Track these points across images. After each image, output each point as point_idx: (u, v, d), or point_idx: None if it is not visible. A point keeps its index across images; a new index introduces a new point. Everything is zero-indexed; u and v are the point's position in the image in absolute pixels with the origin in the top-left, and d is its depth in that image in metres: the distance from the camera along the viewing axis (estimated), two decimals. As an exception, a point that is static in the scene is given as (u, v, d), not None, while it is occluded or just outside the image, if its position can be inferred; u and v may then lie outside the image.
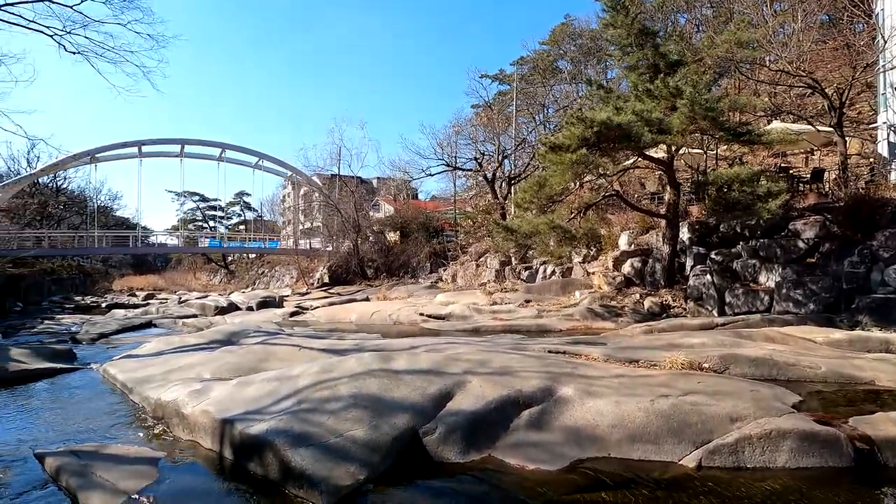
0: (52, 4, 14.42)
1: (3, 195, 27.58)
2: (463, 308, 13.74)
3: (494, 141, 27.89)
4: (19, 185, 29.76)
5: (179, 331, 13.26)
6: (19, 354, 8.26)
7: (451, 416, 4.17)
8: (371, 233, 31.43)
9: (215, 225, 58.63)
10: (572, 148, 10.42)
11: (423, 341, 8.00)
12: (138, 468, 3.86)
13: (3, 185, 28.35)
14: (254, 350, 7.42)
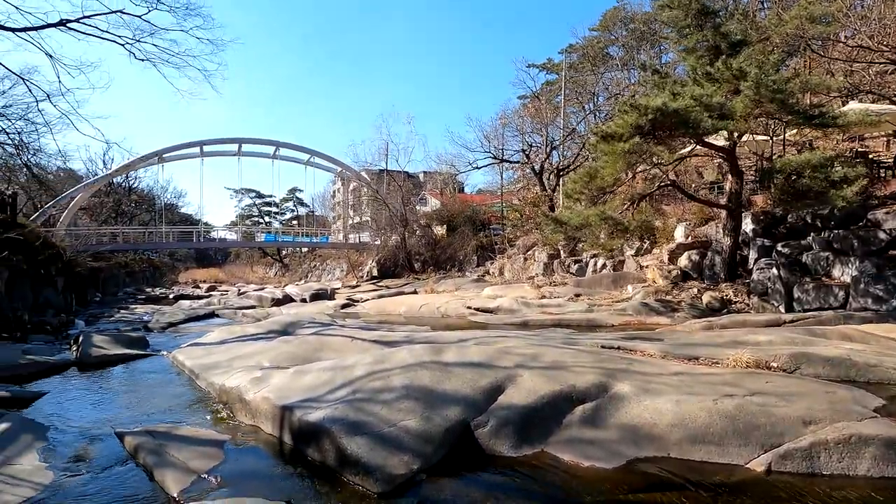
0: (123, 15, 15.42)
1: (83, 195, 29.94)
2: (511, 302, 13.64)
3: (542, 132, 27.37)
4: (97, 186, 32.21)
5: (239, 321, 13.95)
6: (100, 341, 8.96)
7: (503, 410, 4.14)
8: (418, 226, 31.73)
9: (270, 220, 61.12)
10: (625, 137, 10.04)
11: (472, 334, 8.01)
12: (206, 449, 4.09)
13: (84, 186, 30.75)
14: (308, 340, 7.69)
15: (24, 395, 6.01)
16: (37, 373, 7.25)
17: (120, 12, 15.26)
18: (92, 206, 34.14)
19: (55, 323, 12.72)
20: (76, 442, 4.51)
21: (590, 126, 19.86)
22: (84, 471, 3.90)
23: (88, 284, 22.99)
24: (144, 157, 31.05)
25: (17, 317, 11.69)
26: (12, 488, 3.52)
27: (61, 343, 9.96)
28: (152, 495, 3.44)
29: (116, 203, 38.16)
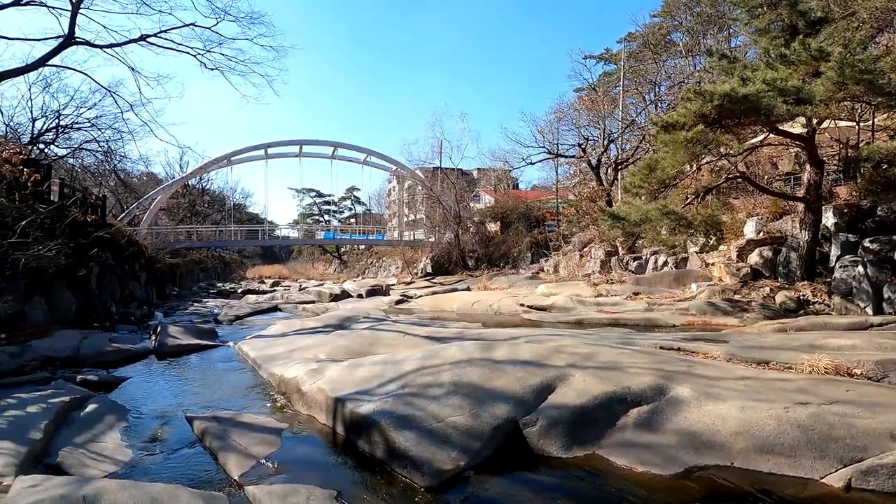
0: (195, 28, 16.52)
1: (163, 196, 32.39)
2: (565, 299, 13.33)
3: (599, 125, 26.48)
4: (174, 187, 34.71)
5: (300, 315, 14.57)
6: (175, 332, 9.67)
7: (554, 410, 4.05)
8: (472, 223, 31.73)
9: (329, 218, 63.37)
10: (688, 126, 9.50)
11: (524, 332, 7.90)
12: (265, 436, 4.31)
13: (163, 188, 33.26)
14: (363, 335, 7.89)
15: (110, 380, 6.59)
16: (121, 360, 7.92)
17: (192, 25, 16.38)
18: (170, 207, 36.83)
19: (138, 314, 13.85)
20: (152, 424, 4.90)
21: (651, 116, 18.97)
22: (158, 451, 4.22)
23: (167, 279, 24.84)
24: (215, 160, 33.09)
25: (106, 308, 12.83)
26: (97, 463, 3.88)
27: (142, 333, 10.82)
28: (216, 477, 3.66)
29: (191, 203, 40.96)
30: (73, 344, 8.15)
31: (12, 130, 19.32)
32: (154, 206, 31.16)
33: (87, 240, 11.94)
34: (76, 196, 14.50)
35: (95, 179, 26.51)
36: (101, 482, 3.11)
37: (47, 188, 12.36)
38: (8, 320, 8.45)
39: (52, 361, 7.19)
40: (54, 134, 20.72)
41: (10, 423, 4.27)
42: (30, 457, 3.69)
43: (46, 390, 5.37)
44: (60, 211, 11.20)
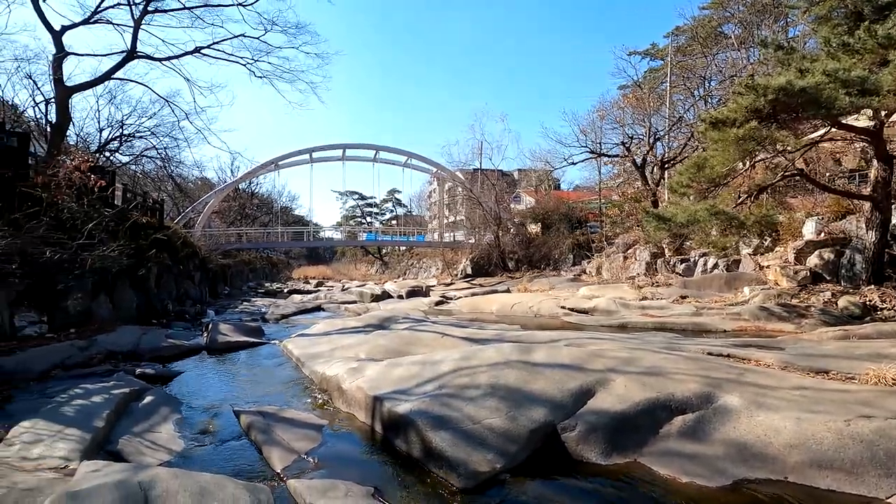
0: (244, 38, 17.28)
1: (215, 200, 33.99)
2: (608, 302, 12.99)
3: (644, 123, 25.67)
4: (226, 191, 36.36)
5: (342, 315, 14.91)
6: (225, 329, 10.12)
7: (593, 415, 3.96)
8: (512, 225, 31.50)
9: (371, 220, 64.57)
10: (739, 121, 9.05)
11: (564, 335, 7.76)
12: (306, 432, 4.44)
13: (215, 192, 34.91)
14: (402, 335, 7.99)
15: (166, 374, 6.98)
16: (176, 355, 8.38)
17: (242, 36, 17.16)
18: (222, 210, 38.60)
19: (192, 312, 14.59)
20: (202, 416, 5.14)
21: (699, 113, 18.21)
22: (207, 442, 4.43)
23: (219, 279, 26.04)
24: (263, 164, 34.42)
25: (163, 306, 13.60)
26: (153, 452, 4.11)
27: (196, 330, 11.39)
28: (260, 469, 3.80)
29: (241, 206, 42.78)
30: (134, 339, 8.68)
31: (82, 140, 20.84)
32: (207, 209, 32.72)
33: (147, 241, 12.70)
34: (137, 200, 15.46)
35: (154, 184, 28.20)
36: (155, 470, 3.30)
37: (112, 193, 13.23)
38: (77, 316, 9.11)
39: (115, 355, 7.67)
40: (118, 142, 22.20)
41: (77, 411, 4.59)
42: (93, 443, 3.96)
43: (109, 382, 5.75)
44: (123, 214, 11.96)
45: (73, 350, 7.43)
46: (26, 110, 19.42)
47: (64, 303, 8.84)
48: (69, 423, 4.22)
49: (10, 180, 8.29)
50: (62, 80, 14.62)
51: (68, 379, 6.18)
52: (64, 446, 3.77)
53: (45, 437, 3.90)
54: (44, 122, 17.49)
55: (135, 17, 15.40)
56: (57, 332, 8.42)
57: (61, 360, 6.92)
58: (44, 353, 7.02)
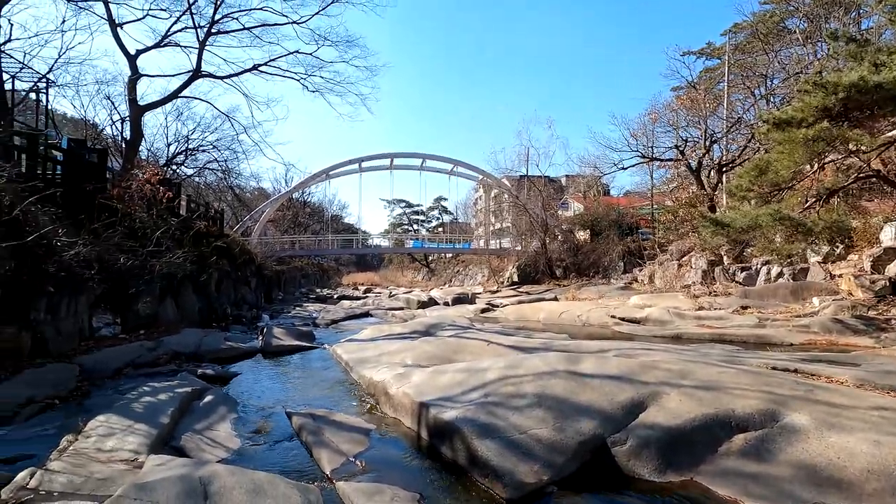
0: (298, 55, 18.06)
1: (270, 209, 35.54)
2: (661, 312, 12.48)
3: (700, 125, 24.59)
4: (280, 201, 37.94)
5: (388, 321, 15.15)
6: (279, 333, 10.52)
7: (644, 429, 3.81)
8: (559, 232, 30.97)
9: (418, 228, 65.36)
10: (807, 121, 8.51)
11: (614, 345, 7.53)
12: (354, 436, 4.53)
13: (271, 202, 36.51)
14: (447, 342, 8.01)
15: (224, 375, 7.34)
16: (233, 357, 8.79)
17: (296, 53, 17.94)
18: (276, 219, 40.30)
19: (248, 316, 15.28)
20: (257, 417, 5.36)
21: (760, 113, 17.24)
22: (262, 442, 4.61)
23: (273, 285, 27.16)
24: (315, 174, 35.70)
25: (222, 310, 14.33)
26: (212, 449, 4.33)
27: (251, 333, 11.92)
28: (310, 470, 3.91)
29: (294, 215, 44.49)
30: (196, 341, 9.19)
31: (152, 154, 22.42)
32: (263, 218, 34.25)
33: (209, 249, 13.44)
34: (200, 210, 16.41)
35: (215, 195, 29.85)
36: (214, 466, 3.48)
37: (177, 204, 14.14)
38: (146, 319, 9.77)
39: (179, 356, 8.15)
40: (184, 156, 23.71)
41: (146, 407, 4.92)
42: (159, 439, 4.22)
43: (174, 381, 6.11)
44: (187, 223, 12.74)
45: (143, 350, 7.97)
46: (105, 128, 21.17)
47: (135, 306, 9.50)
48: (138, 419, 4.52)
49: (90, 193, 9.04)
50: (136, 99, 15.84)
51: (138, 377, 6.63)
52: (133, 440, 4.04)
53: (118, 431, 4.19)
54: (119, 139, 18.97)
55: (200, 38, 16.48)
56: (128, 332, 9.06)
57: (132, 360, 7.43)
58: (117, 353, 7.56)
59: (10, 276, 6.15)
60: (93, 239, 7.72)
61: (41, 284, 6.63)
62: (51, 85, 12.67)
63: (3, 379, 5.73)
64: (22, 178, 7.46)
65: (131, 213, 10.06)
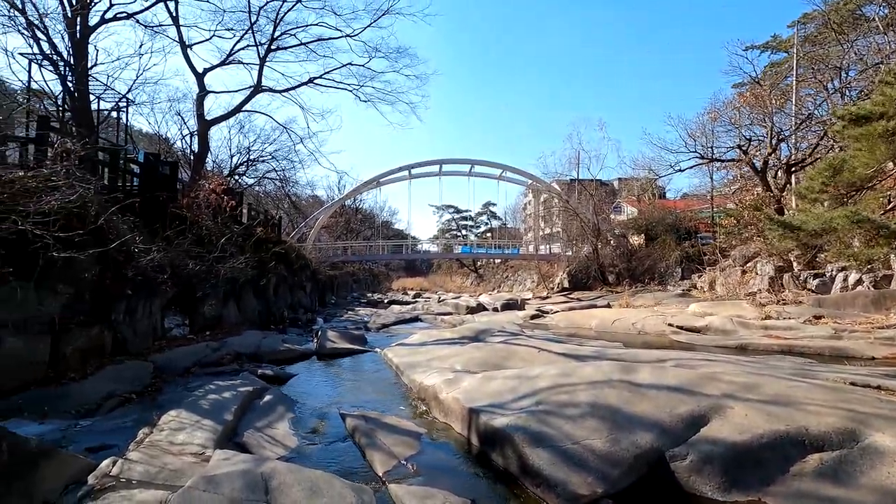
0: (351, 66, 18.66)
1: (324, 216, 36.81)
2: (724, 321, 11.83)
3: (765, 122, 23.17)
4: (333, 208, 39.22)
5: (438, 325, 15.26)
6: (333, 336, 10.86)
7: (707, 444, 3.62)
8: (612, 236, 30.10)
9: (467, 233, 65.53)
10: (889, 115, 7.84)
11: (672, 355, 7.22)
12: (406, 439, 4.60)
13: (325, 209, 37.83)
14: (497, 348, 7.97)
15: (282, 375, 7.66)
16: (290, 358, 9.15)
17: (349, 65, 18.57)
18: (330, 225, 41.66)
19: (304, 319, 15.88)
20: (312, 417, 5.56)
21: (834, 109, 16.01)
22: (317, 441, 4.77)
23: (327, 289, 28.08)
24: (366, 182, 36.66)
25: (280, 313, 14.97)
26: (271, 446, 4.53)
27: (307, 336, 12.37)
28: (363, 471, 4.01)
29: (347, 222, 45.85)
30: (256, 342, 9.65)
31: (217, 165, 23.84)
32: (317, 224, 35.51)
33: (268, 254, 14.10)
34: (259, 217, 17.25)
35: (273, 203, 31.28)
36: (274, 463, 3.64)
37: (240, 212, 14.94)
38: (211, 320, 10.37)
39: (240, 356, 8.59)
40: (245, 166, 25.05)
41: (211, 404, 5.21)
42: (224, 434, 4.47)
43: (236, 380, 6.45)
44: (249, 230, 13.43)
45: (208, 350, 8.47)
46: (175, 142, 22.76)
47: (202, 308, 10.11)
48: (205, 415, 4.80)
49: (163, 203, 9.74)
50: (203, 115, 16.93)
51: (204, 375, 7.05)
52: (201, 435, 4.30)
53: (187, 426, 4.47)
54: (188, 152, 20.32)
55: (260, 55, 17.41)
56: (196, 333, 9.65)
57: (199, 359, 7.91)
58: (186, 353, 8.08)
59: (95, 281, 6.72)
60: (165, 245, 8.31)
61: (121, 288, 7.20)
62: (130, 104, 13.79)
63: (89, 374, 6.26)
64: (105, 189, 8.15)
65: (199, 221, 10.73)
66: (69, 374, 6.05)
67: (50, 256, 5.47)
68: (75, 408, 5.29)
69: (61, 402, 5.31)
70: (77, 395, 5.58)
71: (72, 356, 6.26)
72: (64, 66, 11.41)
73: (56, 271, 5.84)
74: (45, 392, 5.48)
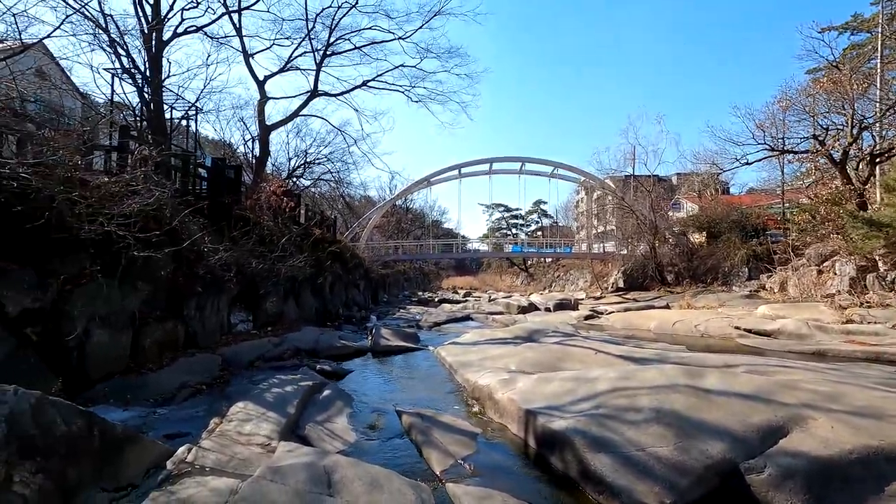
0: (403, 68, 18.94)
1: (377, 216, 37.58)
2: (798, 324, 11.01)
3: (845, 110, 21.28)
4: (385, 208, 39.95)
5: (489, 325, 15.18)
6: (386, 334, 11.05)
7: (787, 458, 3.36)
8: (671, 234, 28.79)
9: (517, 232, 64.88)
10: None
11: (742, 359, 6.79)
12: (461, 438, 4.59)
13: (377, 209, 38.61)
14: (552, 349, 7.82)
15: (339, 371, 7.87)
16: (346, 354, 9.40)
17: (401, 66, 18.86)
18: (381, 225, 42.48)
19: (358, 317, 16.29)
20: (369, 413, 5.67)
21: (929, 91, 14.46)
22: (375, 437, 4.86)
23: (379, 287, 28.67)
24: (417, 182, 37.06)
25: (335, 311, 15.44)
26: (331, 440, 4.66)
27: (361, 333, 12.67)
28: (420, 468, 4.03)
29: (398, 221, 46.60)
30: (314, 338, 9.99)
31: (276, 169, 24.91)
32: (370, 224, 36.31)
33: (324, 253, 14.57)
34: (316, 218, 17.86)
35: (328, 203, 32.29)
36: (335, 457, 3.73)
37: (298, 213, 15.52)
38: (273, 317, 10.83)
39: (300, 352, 8.91)
40: (302, 169, 26.01)
41: (275, 397, 5.44)
42: (287, 427, 4.64)
43: (297, 374, 6.69)
44: (307, 231, 13.93)
45: (270, 345, 8.85)
46: (238, 147, 24.00)
47: (264, 305, 10.59)
48: (269, 408, 5.01)
49: (229, 205, 10.29)
50: (264, 120, 17.72)
51: (267, 369, 7.38)
52: (266, 427, 4.49)
53: (254, 418, 4.69)
54: (250, 156, 21.36)
55: (317, 61, 18.00)
56: (259, 329, 10.11)
57: (262, 354, 8.29)
58: (250, 347, 8.49)
59: (170, 278, 7.20)
60: (232, 245, 8.76)
61: (192, 285, 7.67)
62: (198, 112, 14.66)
63: (164, 366, 6.72)
64: (177, 193, 8.70)
65: (261, 222, 11.24)
66: (147, 365, 6.52)
67: (131, 255, 5.90)
68: (153, 396, 5.70)
69: (141, 391, 5.73)
70: (154, 385, 6.00)
71: (150, 348, 6.74)
72: (141, 79, 12.30)
73: (136, 269, 6.29)
74: (126, 381, 5.93)
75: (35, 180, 4.91)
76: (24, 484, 2.61)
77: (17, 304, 4.81)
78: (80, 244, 5.52)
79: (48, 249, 5.23)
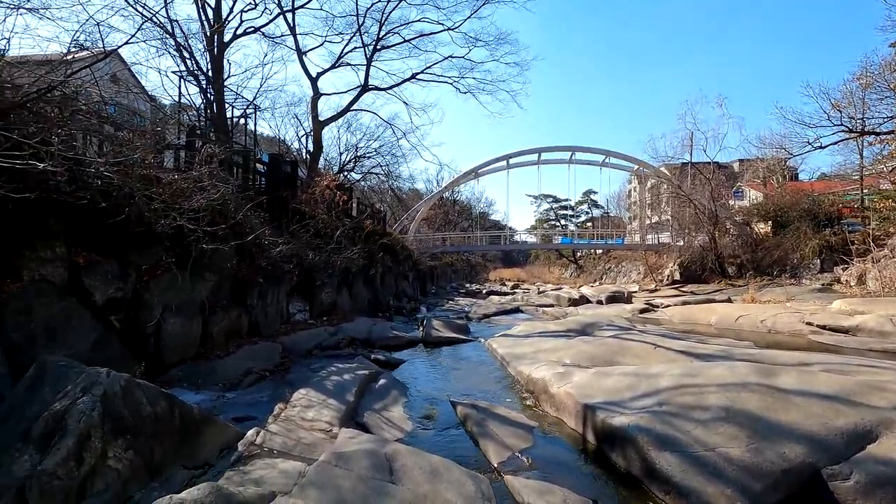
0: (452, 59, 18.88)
1: (424, 208, 37.90)
2: (881, 320, 10.15)
3: (938, 84, 19.27)
4: (432, 200, 40.21)
5: (540, 317, 14.99)
6: (437, 325, 11.15)
7: (877, 465, 3.11)
8: (732, 224, 27.25)
9: (566, 223, 63.47)
10: None
11: (817, 358, 6.34)
12: (518, 431, 4.56)
13: (425, 201, 38.92)
14: (607, 342, 7.61)
15: (393, 361, 8.02)
16: (398, 345, 9.56)
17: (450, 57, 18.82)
18: (429, 217, 42.82)
19: (408, 308, 16.53)
20: (424, 403, 5.74)
21: None
22: (430, 427, 4.92)
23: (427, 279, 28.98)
24: (465, 173, 36.98)
25: (386, 302, 15.74)
26: (389, 428, 4.76)
27: (411, 323, 12.85)
28: (477, 460, 4.05)
29: (445, 213, 46.81)
30: (367, 328, 10.23)
31: (328, 163, 25.59)
32: (418, 216, 36.66)
33: (376, 246, 14.86)
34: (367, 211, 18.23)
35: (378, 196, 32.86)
36: (395, 445, 3.81)
37: (350, 206, 15.89)
38: (328, 307, 11.18)
39: (354, 341, 9.15)
40: (353, 163, 26.58)
41: (334, 385, 5.61)
42: (347, 414, 4.79)
43: (353, 363, 6.88)
44: (359, 223, 14.24)
45: (326, 335, 9.14)
46: (293, 143, 24.84)
47: (320, 295, 10.95)
48: (329, 395, 5.18)
49: (286, 199, 10.67)
50: (317, 116, 18.22)
51: (324, 358, 7.63)
52: (328, 413, 4.64)
53: (315, 404, 4.86)
54: (304, 152, 22.06)
55: (367, 55, 18.27)
56: (315, 318, 10.47)
57: (318, 343, 8.57)
58: (308, 336, 8.81)
59: (234, 270, 7.57)
60: (290, 238, 9.10)
61: (254, 276, 8.03)
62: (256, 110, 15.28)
63: (231, 353, 7.09)
64: (239, 188, 9.12)
65: (316, 216, 11.59)
66: (215, 352, 6.91)
67: (200, 248, 6.25)
68: (221, 381, 6.03)
69: (210, 376, 6.07)
70: (222, 371, 6.34)
71: (217, 336, 7.13)
72: (205, 80, 12.95)
73: (204, 261, 6.66)
74: (197, 366, 6.31)
75: (116, 178, 5.27)
76: (117, 459, 2.84)
77: (103, 294, 5.21)
78: (155, 237, 5.90)
79: (128, 242, 5.63)
